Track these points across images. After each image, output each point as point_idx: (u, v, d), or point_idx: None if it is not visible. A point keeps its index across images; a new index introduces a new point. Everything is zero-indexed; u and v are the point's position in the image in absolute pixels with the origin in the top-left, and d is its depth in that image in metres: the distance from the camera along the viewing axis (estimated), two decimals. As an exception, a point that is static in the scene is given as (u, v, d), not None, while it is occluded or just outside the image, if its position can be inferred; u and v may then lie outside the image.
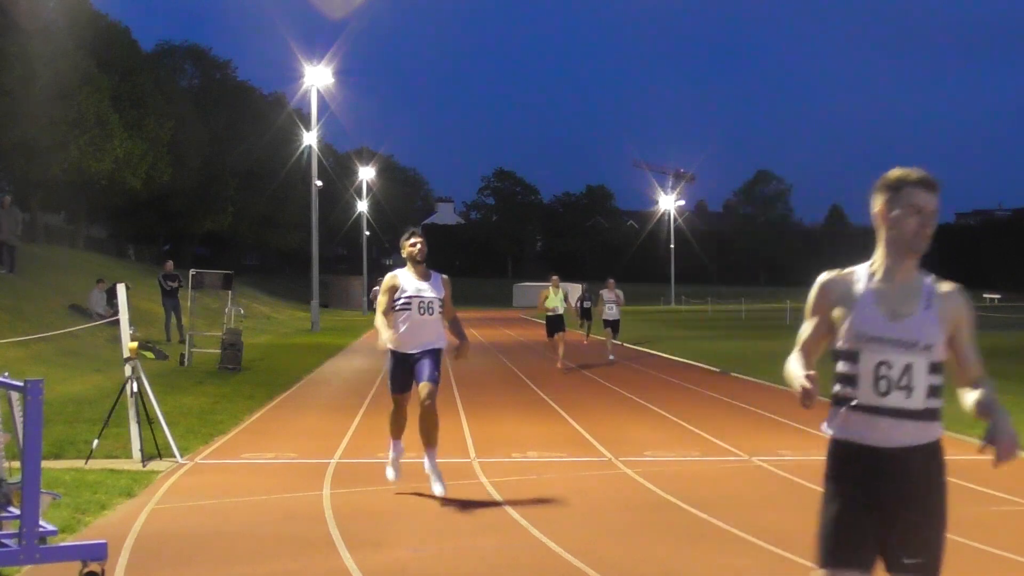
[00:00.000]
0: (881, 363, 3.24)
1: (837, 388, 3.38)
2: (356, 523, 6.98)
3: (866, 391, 3.26)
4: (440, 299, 7.91)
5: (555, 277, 20.51)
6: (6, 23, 36.12)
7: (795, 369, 3.43)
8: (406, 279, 7.91)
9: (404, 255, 8.04)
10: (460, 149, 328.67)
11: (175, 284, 25.48)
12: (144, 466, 9.12)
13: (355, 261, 75.16)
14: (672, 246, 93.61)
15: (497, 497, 7.90)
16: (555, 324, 20.21)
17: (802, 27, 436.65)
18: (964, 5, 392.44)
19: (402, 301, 7.81)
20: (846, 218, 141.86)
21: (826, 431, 3.45)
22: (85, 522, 6.94)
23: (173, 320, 25.64)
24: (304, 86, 42.36)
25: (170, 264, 27.27)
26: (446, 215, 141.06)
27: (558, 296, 20.02)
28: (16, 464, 5.39)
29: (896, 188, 3.32)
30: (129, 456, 9.47)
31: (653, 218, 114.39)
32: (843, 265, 3.62)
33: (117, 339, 10.37)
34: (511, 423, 12.25)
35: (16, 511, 5.31)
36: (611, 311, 22.80)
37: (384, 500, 7.85)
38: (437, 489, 7.73)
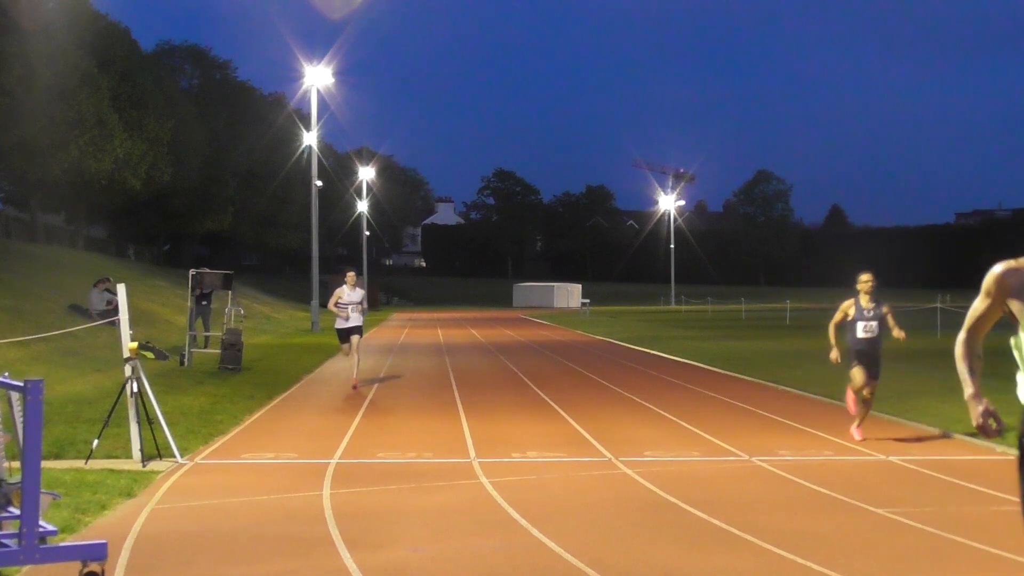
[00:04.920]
0: None
1: None
2: (356, 523, 6.98)
3: None
4: None
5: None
6: (6, 23, 36.13)
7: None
8: None
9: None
10: (460, 149, 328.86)
11: (208, 290, 25.01)
12: (144, 466, 9.12)
13: (355, 261, 75.32)
14: (672, 246, 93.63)
15: (497, 497, 7.90)
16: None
17: (802, 27, 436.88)
18: (965, 5, 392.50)
19: None
20: (846, 218, 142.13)
21: None
22: (85, 522, 6.94)
23: (199, 324, 25.07)
24: (304, 86, 42.35)
25: (204, 270, 26.71)
26: (446, 215, 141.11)
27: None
28: (16, 464, 5.39)
29: None
30: (129, 456, 9.47)
31: (653, 218, 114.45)
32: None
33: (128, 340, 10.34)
34: (511, 423, 12.25)
35: (16, 511, 5.31)
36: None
37: (384, 500, 7.85)
38: None
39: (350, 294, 16.64)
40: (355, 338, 16.60)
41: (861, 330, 10.82)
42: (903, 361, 21.33)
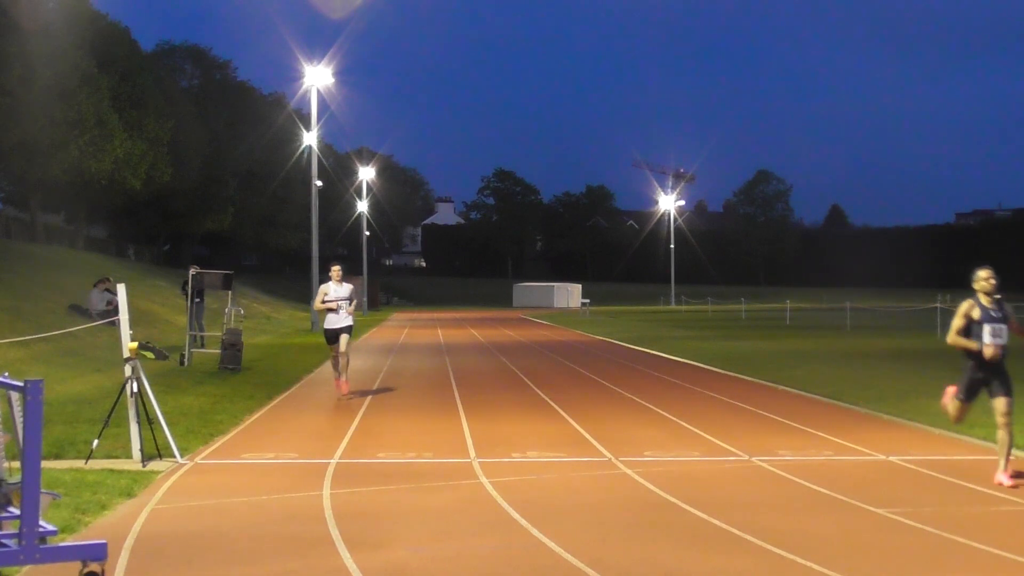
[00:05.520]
0: None
1: None
2: (356, 523, 6.99)
3: None
4: None
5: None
6: (6, 23, 36.13)
7: None
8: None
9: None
10: (460, 149, 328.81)
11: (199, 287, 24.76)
12: (144, 466, 9.12)
13: (355, 261, 75.35)
14: (672, 246, 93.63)
15: (497, 497, 7.90)
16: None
17: (802, 27, 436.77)
18: (964, 5, 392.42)
19: None
20: (846, 218, 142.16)
21: None
22: (85, 522, 6.95)
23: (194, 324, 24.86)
24: (304, 86, 42.33)
25: (194, 268, 26.59)
26: (446, 215, 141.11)
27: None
28: (16, 464, 5.39)
29: None
30: (129, 456, 9.47)
31: (653, 218, 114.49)
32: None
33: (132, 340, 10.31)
34: (511, 423, 12.25)
35: (16, 511, 5.31)
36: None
37: (384, 500, 7.85)
38: None
39: (337, 289, 14.97)
40: (344, 338, 14.99)
41: (989, 335, 8.59)
42: (903, 361, 21.34)
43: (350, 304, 15.00)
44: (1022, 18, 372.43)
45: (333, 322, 14.98)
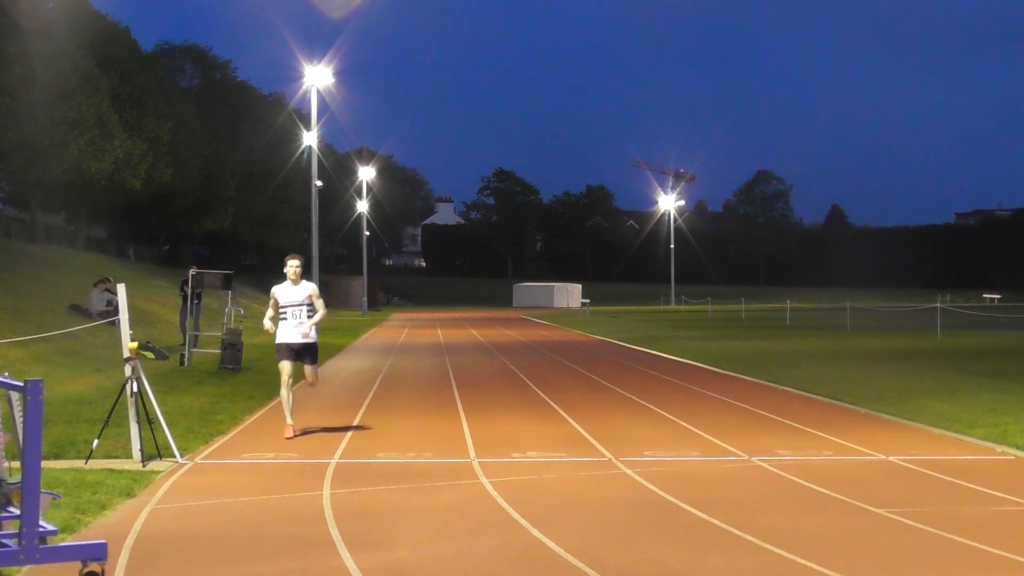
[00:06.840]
0: None
1: None
2: (356, 523, 6.99)
3: None
4: None
5: None
6: (6, 23, 36.14)
7: None
8: None
9: None
10: (460, 149, 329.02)
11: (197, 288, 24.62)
12: (144, 466, 9.12)
13: (355, 261, 75.21)
14: (672, 246, 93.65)
15: (497, 497, 7.90)
16: None
17: (802, 27, 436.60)
18: (964, 4, 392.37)
19: None
20: (846, 218, 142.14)
21: None
22: (85, 522, 6.94)
23: (190, 323, 24.84)
24: (304, 86, 42.36)
25: (193, 269, 26.54)
26: (446, 215, 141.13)
27: None
28: (16, 464, 5.39)
29: None
30: (129, 456, 9.47)
31: (653, 218, 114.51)
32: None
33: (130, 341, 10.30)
34: (511, 423, 12.25)
35: (16, 511, 5.31)
36: None
37: (384, 500, 7.85)
38: None
39: (290, 292, 10.93)
40: (308, 368, 11.09)
41: None
42: (903, 361, 21.33)
43: (311, 312, 10.90)
44: (1022, 18, 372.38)
45: (286, 334, 10.90)
